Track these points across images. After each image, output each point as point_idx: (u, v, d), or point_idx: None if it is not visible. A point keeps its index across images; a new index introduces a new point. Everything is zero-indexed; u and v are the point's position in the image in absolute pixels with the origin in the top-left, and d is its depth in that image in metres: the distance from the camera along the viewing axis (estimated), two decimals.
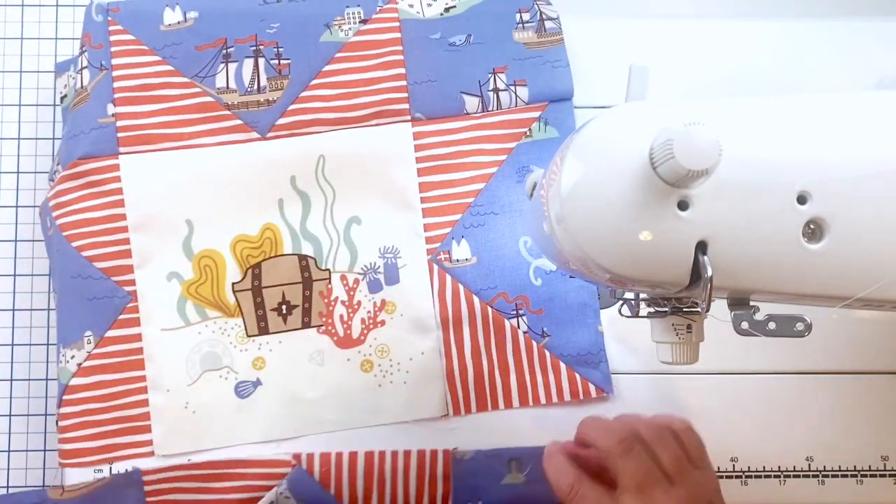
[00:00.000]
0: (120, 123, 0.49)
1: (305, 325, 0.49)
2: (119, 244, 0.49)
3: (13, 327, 0.55)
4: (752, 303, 0.34)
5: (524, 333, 0.49)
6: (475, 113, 0.50)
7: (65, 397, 0.48)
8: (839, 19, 0.53)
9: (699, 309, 0.38)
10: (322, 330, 0.49)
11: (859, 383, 0.50)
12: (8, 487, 0.54)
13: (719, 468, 0.49)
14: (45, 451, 0.54)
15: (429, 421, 0.48)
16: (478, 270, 0.49)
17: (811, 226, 0.31)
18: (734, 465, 0.49)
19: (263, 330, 0.49)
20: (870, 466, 0.49)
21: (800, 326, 0.33)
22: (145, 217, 0.49)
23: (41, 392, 0.55)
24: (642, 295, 0.42)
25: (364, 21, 0.51)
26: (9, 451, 0.54)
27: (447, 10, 0.51)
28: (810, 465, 0.49)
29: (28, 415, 0.54)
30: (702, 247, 0.30)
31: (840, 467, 0.49)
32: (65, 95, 0.53)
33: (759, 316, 0.33)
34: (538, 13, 0.51)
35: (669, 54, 0.52)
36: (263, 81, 0.50)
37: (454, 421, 0.48)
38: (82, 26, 0.51)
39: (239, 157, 0.49)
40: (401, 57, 0.50)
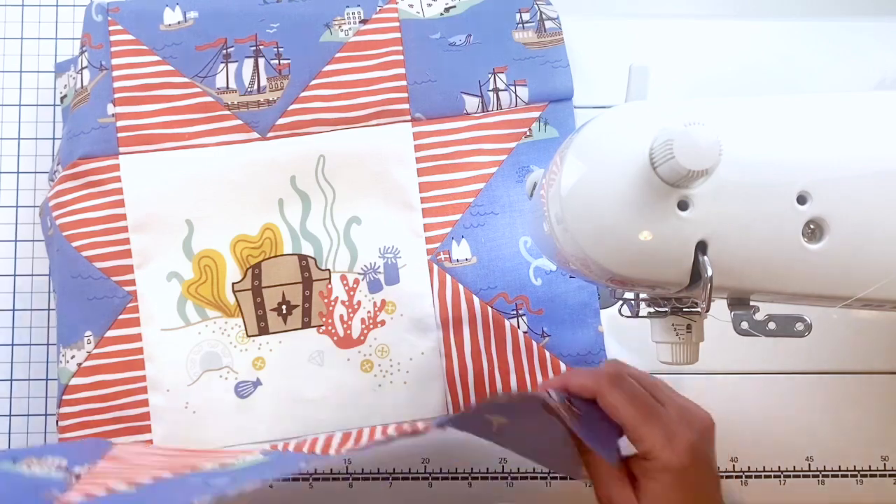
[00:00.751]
0: (120, 123, 0.49)
1: (305, 326, 0.49)
2: (119, 244, 0.49)
3: (13, 327, 0.55)
4: (752, 303, 0.34)
5: (524, 333, 0.49)
6: (475, 113, 0.50)
7: (65, 397, 0.48)
8: (839, 19, 0.53)
9: (699, 309, 0.38)
10: (322, 330, 0.49)
11: (859, 383, 0.50)
12: None
13: (719, 468, 0.49)
14: None
15: (429, 420, 0.48)
16: (477, 270, 0.49)
17: (811, 226, 0.31)
18: (734, 465, 0.49)
19: (263, 330, 0.49)
20: (870, 466, 0.49)
21: (800, 326, 0.33)
22: (145, 217, 0.49)
23: (41, 392, 0.55)
24: (642, 295, 0.42)
25: (364, 21, 0.51)
26: None
27: (447, 10, 0.51)
28: (810, 465, 0.49)
29: (28, 415, 0.54)
30: (702, 247, 0.31)
31: (840, 467, 0.49)
32: (65, 95, 0.53)
33: (759, 316, 0.33)
34: (538, 13, 0.51)
35: (669, 54, 0.52)
36: (263, 81, 0.50)
37: None
38: (82, 26, 0.51)
39: (239, 157, 0.49)
40: (401, 57, 0.50)
